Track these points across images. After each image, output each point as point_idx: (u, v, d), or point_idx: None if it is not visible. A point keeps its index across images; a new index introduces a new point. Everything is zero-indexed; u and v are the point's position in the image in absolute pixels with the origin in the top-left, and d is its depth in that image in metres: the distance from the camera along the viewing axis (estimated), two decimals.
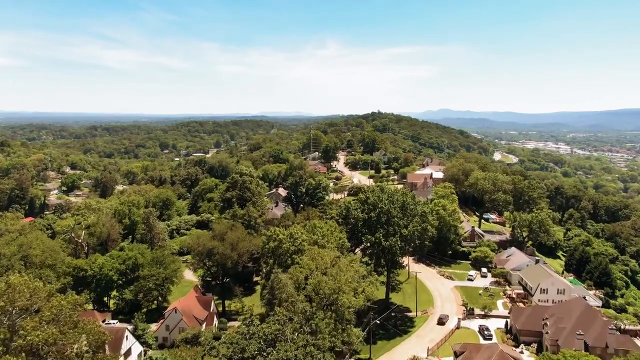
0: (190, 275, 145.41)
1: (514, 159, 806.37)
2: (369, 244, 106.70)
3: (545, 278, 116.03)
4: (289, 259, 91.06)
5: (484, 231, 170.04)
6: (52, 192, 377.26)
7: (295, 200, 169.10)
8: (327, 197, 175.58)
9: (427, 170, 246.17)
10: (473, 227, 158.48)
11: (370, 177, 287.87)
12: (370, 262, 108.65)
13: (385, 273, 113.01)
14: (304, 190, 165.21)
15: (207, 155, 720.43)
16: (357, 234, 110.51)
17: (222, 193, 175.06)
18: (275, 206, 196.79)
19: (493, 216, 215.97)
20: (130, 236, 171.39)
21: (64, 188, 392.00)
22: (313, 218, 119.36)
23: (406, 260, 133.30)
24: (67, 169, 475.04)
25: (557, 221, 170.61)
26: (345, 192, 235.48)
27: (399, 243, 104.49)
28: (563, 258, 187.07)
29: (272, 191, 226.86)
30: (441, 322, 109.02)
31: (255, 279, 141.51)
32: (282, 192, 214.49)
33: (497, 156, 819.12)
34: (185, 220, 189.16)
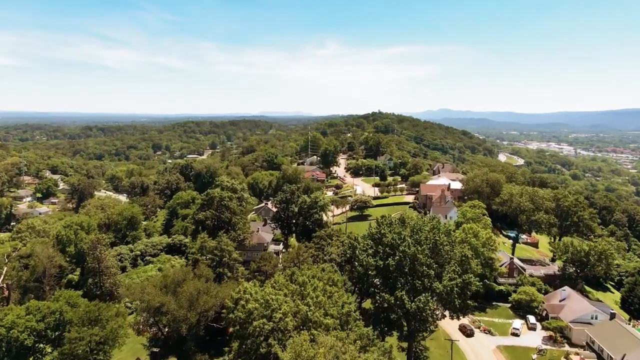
0: None
1: (519, 161, 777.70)
2: (385, 305, 72.49)
3: (633, 346, 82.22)
4: (263, 344, 57.22)
5: (521, 260, 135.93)
6: (24, 200, 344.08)
7: (286, 221, 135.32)
8: (325, 217, 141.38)
9: (442, 180, 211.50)
10: (512, 258, 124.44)
11: (375, 185, 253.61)
12: (385, 329, 74.79)
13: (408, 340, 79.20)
14: (296, 209, 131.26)
15: (202, 157, 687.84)
16: (367, 287, 76.71)
17: (194, 212, 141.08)
18: (264, 225, 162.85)
19: (523, 236, 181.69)
20: (81, 267, 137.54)
21: (38, 195, 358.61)
22: (305, 261, 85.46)
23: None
24: (47, 174, 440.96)
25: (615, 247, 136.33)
26: (348, 206, 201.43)
27: (430, 304, 70.74)
28: (614, 291, 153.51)
29: (260, 205, 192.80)
30: (470, 333, 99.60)
31: (232, 329, 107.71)
32: (273, 206, 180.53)
33: (502, 158, 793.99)
34: (153, 243, 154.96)
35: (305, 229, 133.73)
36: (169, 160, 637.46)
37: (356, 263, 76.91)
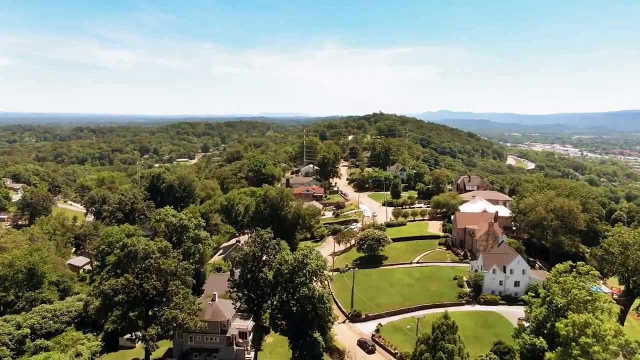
0: None
1: (529, 164, 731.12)
2: None
3: None
4: None
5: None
6: None
7: (256, 292, 79.77)
8: (319, 287, 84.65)
9: (479, 203, 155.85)
10: None
11: (387, 204, 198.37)
12: None
13: None
14: (270, 277, 75.53)
15: (193, 161, 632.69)
16: None
17: (102, 276, 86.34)
18: (228, 280, 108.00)
19: (606, 289, 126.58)
20: None
21: None
22: None
23: None
24: (8, 182, 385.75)
25: None
26: (353, 240, 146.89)
27: None
28: None
29: (231, 242, 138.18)
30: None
31: None
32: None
33: (510, 161, 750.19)
34: (57, 311, 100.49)
35: (285, 306, 78.84)
36: (156, 165, 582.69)
37: None
